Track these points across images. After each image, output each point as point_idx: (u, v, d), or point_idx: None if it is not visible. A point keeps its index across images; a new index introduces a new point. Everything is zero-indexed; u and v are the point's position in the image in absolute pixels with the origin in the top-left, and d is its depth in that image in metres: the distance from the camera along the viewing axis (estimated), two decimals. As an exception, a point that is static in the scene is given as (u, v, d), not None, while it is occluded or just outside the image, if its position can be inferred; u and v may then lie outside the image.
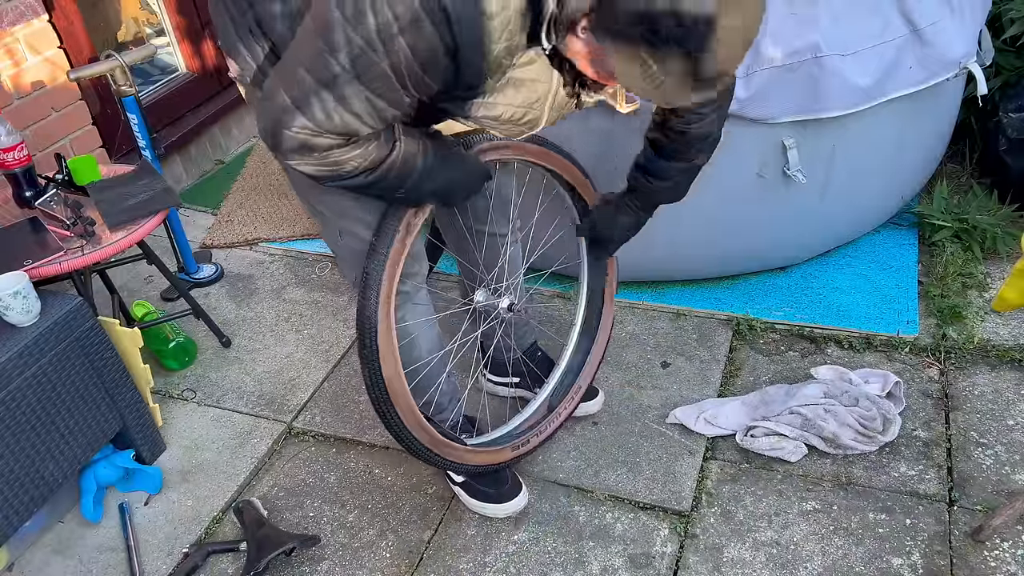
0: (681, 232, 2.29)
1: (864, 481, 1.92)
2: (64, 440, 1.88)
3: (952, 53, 2.20)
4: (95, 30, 3.13)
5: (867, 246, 2.62)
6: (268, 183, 3.33)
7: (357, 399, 2.30)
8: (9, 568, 1.91)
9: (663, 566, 1.79)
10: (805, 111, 2.11)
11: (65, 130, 2.79)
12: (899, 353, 2.24)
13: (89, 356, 1.91)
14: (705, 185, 2.24)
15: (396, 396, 1.65)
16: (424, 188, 1.48)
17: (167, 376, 2.43)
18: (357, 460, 2.12)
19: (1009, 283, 1.66)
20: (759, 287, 2.51)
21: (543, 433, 1.99)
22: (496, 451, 1.90)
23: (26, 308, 1.77)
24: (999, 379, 2.13)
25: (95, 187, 2.24)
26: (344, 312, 2.62)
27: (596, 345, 2.11)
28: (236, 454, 2.17)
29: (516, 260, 2.00)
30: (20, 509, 1.80)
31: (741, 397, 2.13)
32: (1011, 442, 1.97)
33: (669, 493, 1.94)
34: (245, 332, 2.58)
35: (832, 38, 2.05)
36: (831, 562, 1.76)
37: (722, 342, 2.34)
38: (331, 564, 1.87)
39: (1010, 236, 2.50)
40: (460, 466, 1.84)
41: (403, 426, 1.69)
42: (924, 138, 2.48)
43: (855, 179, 2.34)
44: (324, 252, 2.89)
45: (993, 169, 2.74)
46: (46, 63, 2.69)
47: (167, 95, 3.35)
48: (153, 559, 1.92)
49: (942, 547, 1.76)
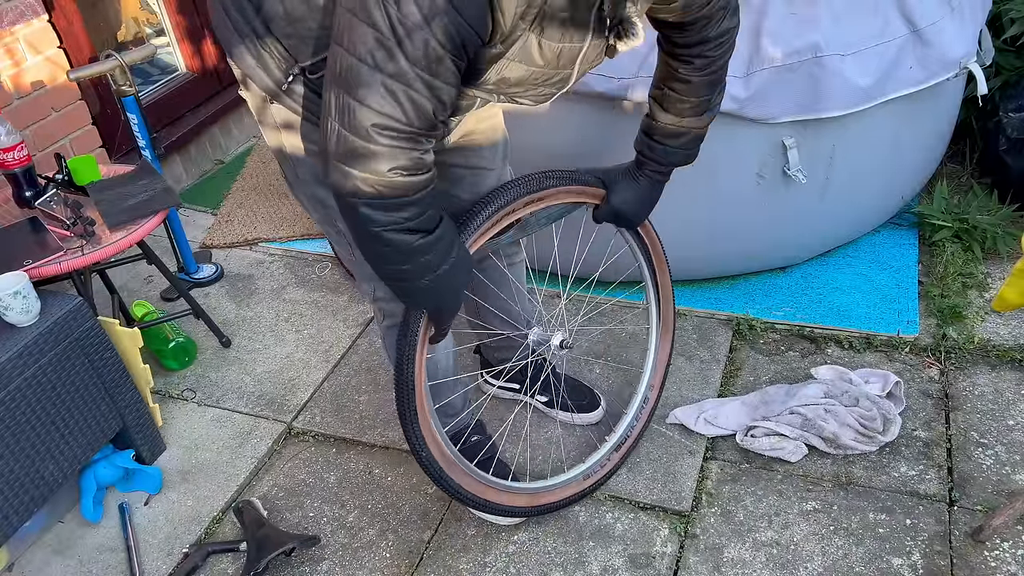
0: (681, 232, 2.29)
1: (864, 481, 1.92)
2: (64, 440, 1.88)
3: (952, 53, 2.20)
4: (95, 30, 3.13)
5: (867, 246, 2.62)
6: (268, 183, 3.33)
7: (357, 399, 2.30)
8: (9, 568, 1.91)
9: (663, 566, 1.79)
10: (805, 111, 2.11)
11: (65, 130, 2.79)
12: (899, 353, 2.24)
13: (89, 356, 1.91)
14: (705, 185, 2.26)
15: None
16: (443, 286, 1.43)
17: (167, 376, 2.43)
18: (357, 460, 2.12)
19: (1009, 283, 1.66)
20: (759, 287, 2.51)
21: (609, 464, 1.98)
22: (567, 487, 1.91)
23: (26, 308, 1.77)
24: (999, 379, 2.13)
25: (95, 187, 2.24)
26: (344, 312, 2.62)
27: (661, 350, 2.07)
28: (236, 454, 2.16)
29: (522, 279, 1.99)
30: (20, 509, 1.79)
31: (741, 397, 2.13)
32: (1011, 442, 1.97)
33: (669, 493, 1.94)
34: (245, 332, 2.58)
35: (832, 38, 2.05)
36: (831, 562, 1.76)
37: (722, 342, 2.34)
38: (331, 564, 1.87)
39: (1010, 236, 2.50)
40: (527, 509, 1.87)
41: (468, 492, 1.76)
42: (924, 138, 2.48)
43: (855, 179, 2.34)
44: (324, 252, 2.89)
45: (993, 169, 2.74)
46: (46, 63, 2.69)
47: (167, 95, 3.35)
48: (153, 559, 1.92)
49: (942, 547, 1.76)
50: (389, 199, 1.25)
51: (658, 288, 2.01)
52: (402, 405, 1.60)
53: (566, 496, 1.89)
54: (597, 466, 1.94)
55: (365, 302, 2.63)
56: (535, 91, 1.38)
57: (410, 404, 1.60)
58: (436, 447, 1.67)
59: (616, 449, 1.97)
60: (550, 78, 1.35)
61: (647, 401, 2.04)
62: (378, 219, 1.27)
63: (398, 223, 1.28)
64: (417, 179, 1.26)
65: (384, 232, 1.28)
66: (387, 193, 1.25)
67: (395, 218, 1.27)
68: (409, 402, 1.60)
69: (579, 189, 1.73)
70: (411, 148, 1.23)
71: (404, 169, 1.23)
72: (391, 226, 1.28)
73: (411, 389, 1.59)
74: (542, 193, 1.67)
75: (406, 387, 1.59)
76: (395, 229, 1.29)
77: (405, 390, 1.59)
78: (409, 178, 1.24)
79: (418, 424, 1.62)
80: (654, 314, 2.04)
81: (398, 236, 1.30)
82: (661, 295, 2.03)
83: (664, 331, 2.07)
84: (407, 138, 1.21)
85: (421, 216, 1.30)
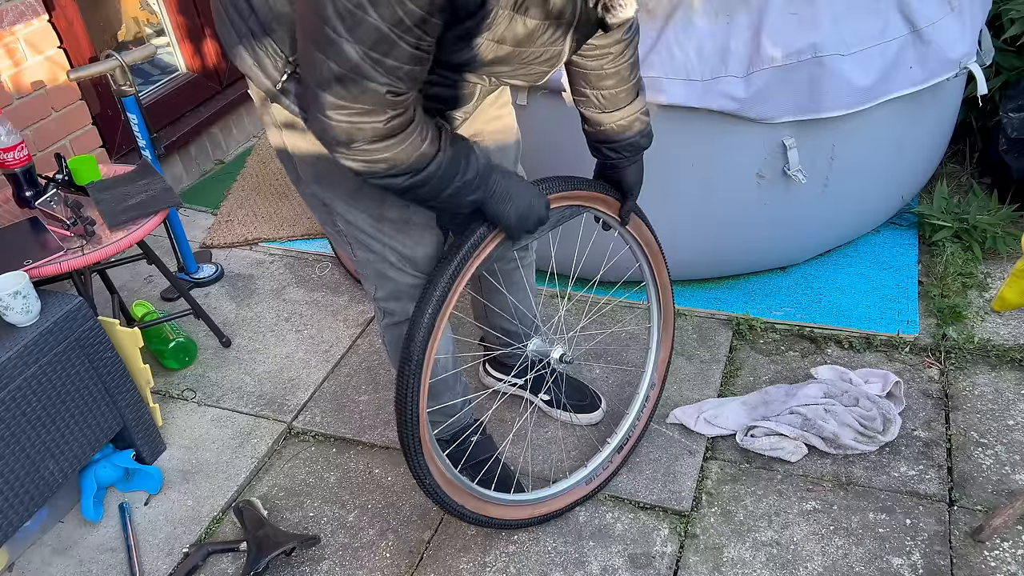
0: (681, 232, 2.29)
1: (864, 481, 1.92)
2: (64, 440, 1.88)
3: (952, 53, 2.20)
4: (95, 30, 3.13)
5: (867, 246, 2.62)
6: (268, 183, 3.33)
7: (357, 399, 2.30)
8: (9, 568, 1.91)
9: (663, 566, 1.79)
10: (805, 111, 2.11)
11: (65, 130, 2.79)
12: (899, 353, 2.24)
13: (89, 356, 1.91)
14: (706, 185, 2.26)
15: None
16: (491, 199, 1.44)
17: (167, 376, 2.43)
18: (357, 460, 2.12)
19: (1009, 283, 1.66)
20: (759, 287, 2.51)
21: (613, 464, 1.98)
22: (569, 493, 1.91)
23: (26, 308, 1.77)
24: (999, 379, 2.13)
25: (95, 187, 2.24)
26: (344, 312, 2.62)
27: (662, 349, 2.07)
28: (236, 454, 2.17)
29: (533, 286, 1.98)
30: (20, 509, 1.80)
31: (741, 397, 2.13)
32: (1011, 442, 1.97)
33: (669, 493, 1.94)
34: (245, 332, 2.58)
35: (832, 38, 2.05)
36: (831, 562, 1.76)
37: (722, 342, 2.34)
38: (331, 564, 1.87)
39: (1010, 236, 2.50)
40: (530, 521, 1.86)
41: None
42: (924, 138, 2.48)
43: (855, 179, 2.35)
44: (324, 252, 2.89)
45: (993, 169, 2.74)
46: (46, 63, 2.69)
47: (167, 95, 3.35)
48: (153, 559, 1.92)
49: (942, 547, 1.76)
50: (365, 166, 1.31)
51: (658, 287, 2.01)
52: (405, 437, 1.60)
53: (570, 502, 1.90)
54: (600, 469, 1.94)
55: (366, 301, 2.64)
56: (525, 70, 1.37)
57: (414, 436, 1.60)
58: (439, 474, 1.69)
59: (618, 451, 1.97)
60: (539, 56, 1.34)
61: (648, 400, 2.04)
62: (359, 171, 1.32)
63: (378, 174, 1.32)
64: (388, 143, 1.28)
65: (369, 180, 1.34)
66: (364, 171, 1.31)
67: (375, 169, 1.31)
68: (413, 434, 1.60)
69: (603, 199, 1.73)
70: (373, 120, 1.24)
71: (370, 140, 1.26)
72: (372, 177, 1.32)
73: (415, 422, 1.59)
74: (571, 193, 1.67)
75: (410, 422, 1.58)
76: (378, 178, 1.32)
77: (409, 425, 1.59)
78: (378, 146, 1.27)
79: (423, 455, 1.63)
80: (655, 313, 2.04)
81: (382, 182, 1.33)
82: (661, 294, 2.03)
83: (665, 330, 2.07)
84: (362, 113, 1.23)
85: (400, 165, 1.31)
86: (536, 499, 1.86)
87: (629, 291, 2.46)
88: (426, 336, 1.54)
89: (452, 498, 1.71)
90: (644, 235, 1.90)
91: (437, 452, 1.68)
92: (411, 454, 1.61)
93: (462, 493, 1.74)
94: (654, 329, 2.05)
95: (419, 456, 1.62)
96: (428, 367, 1.57)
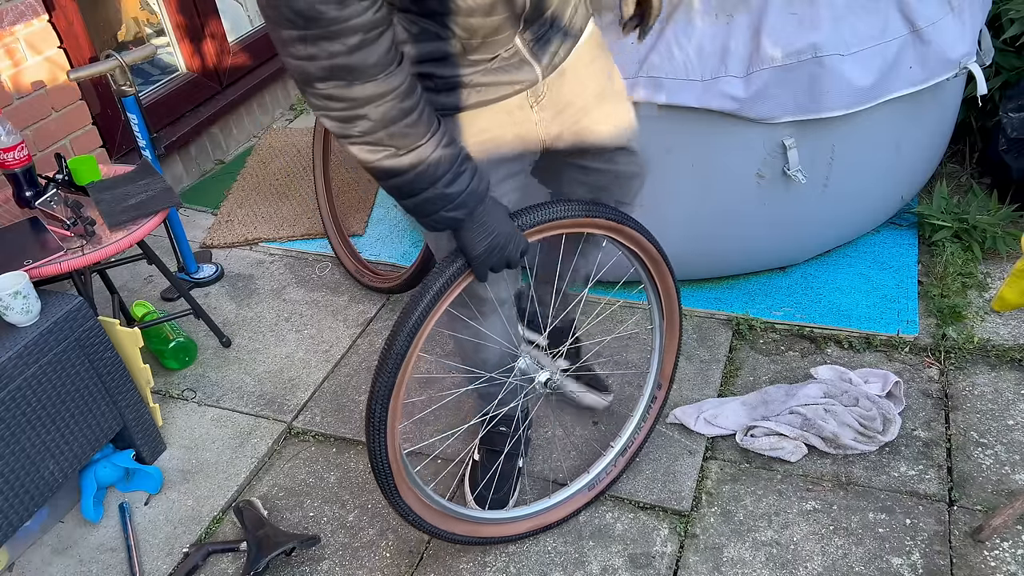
0: (681, 232, 2.29)
1: (864, 481, 1.92)
2: (64, 439, 1.88)
3: (952, 53, 2.20)
4: (95, 30, 3.14)
5: (867, 246, 2.62)
6: (268, 183, 3.33)
7: (357, 399, 2.30)
8: (9, 568, 1.92)
9: (663, 566, 1.79)
10: (805, 111, 2.11)
11: (65, 130, 2.79)
12: (899, 353, 2.24)
13: (89, 356, 1.91)
14: (705, 185, 2.26)
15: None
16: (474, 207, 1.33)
17: (167, 376, 2.44)
18: (357, 460, 2.12)
19: (1009, 283, 1.66)
20: (759, 287, 2.52)
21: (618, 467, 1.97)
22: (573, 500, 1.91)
23: (26, 308, 1.77)
24: (999, 379, 2.13)
25: (95, 187, 2.24)
26: (344, 312, 2.62)
27: (667, 350, 2.05)
28: (236, 454, 2.17)
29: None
30: (20, 509, 1.80)
31: (741, 397, 2.13)
32: (1011, 442, 1.97)
33: (669, 493, 1.94)
34: (245, 332, 2.59)
35: (832, 38, 2.05)
36: (831, 562, 1.76)
37: (722, 342, 2.35)
38: (331, 564, 1.87)
39: (1010, 236, 2.50)
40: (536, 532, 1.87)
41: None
42: (924, 138, 2.49)
43: (855, 179, 2.35)
44: (324, 252, 2.90)
45: (993, 169, 2.74)
46: (46, 63, 2.69)
47: (167, 95, 3.35)
48: (153, 559, 1.92)
49: (942, 547, 1.76)
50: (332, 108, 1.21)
51: (657, 287, 2.01)
52: (380, 480, 1.57)
53: (573, 511, 1.90)
54: (603, 474, 1.93)
55: (366, 301, 2.64)
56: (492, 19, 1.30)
57: (388, 481, 1.57)
58: (423, 508, 1.67)
59: (622, 453, 1.96)
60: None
61: (654, 400, 2.03)
62: (335, 132, 1.23)
63: (353, 137, 1.22)
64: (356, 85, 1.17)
65: (347, 145, 1.25)
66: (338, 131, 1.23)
67: (348, 130, 1.22)
68: (387, 479, 1.57)
69: (592, 222, 1.66)
70: (313, 56, 1.14)
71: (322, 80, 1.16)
72: (349, 141, 1.23)
73: (387, 467, 1.55)
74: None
75: (381, 464, 1.54)
76: (356, 143, 1.23)
77: (381, 467, 1.55)
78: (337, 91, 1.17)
79: (400, 496, 1.61)
80: (656, 313, 2.04)
81: (356, 148, 1.24)
82: (662, 293, 2.03)
83: (670, 333, 2.06)
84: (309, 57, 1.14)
85: (374, 132, 1.22)
86: (536, 511, 1.86)
87: (630, 291, 2.46)
88: (390, 385, 1.48)
89: (444, 529, 1.72)
90: (640, 243, 1.89)
91: (417, 486, 1.65)
92: (390, 495, 1.60)
93: (454, 522, 1.74)
94: (656, 329, 2.05)
95: (397, 498, 1.61)
96: (398, 409, 1.54)
